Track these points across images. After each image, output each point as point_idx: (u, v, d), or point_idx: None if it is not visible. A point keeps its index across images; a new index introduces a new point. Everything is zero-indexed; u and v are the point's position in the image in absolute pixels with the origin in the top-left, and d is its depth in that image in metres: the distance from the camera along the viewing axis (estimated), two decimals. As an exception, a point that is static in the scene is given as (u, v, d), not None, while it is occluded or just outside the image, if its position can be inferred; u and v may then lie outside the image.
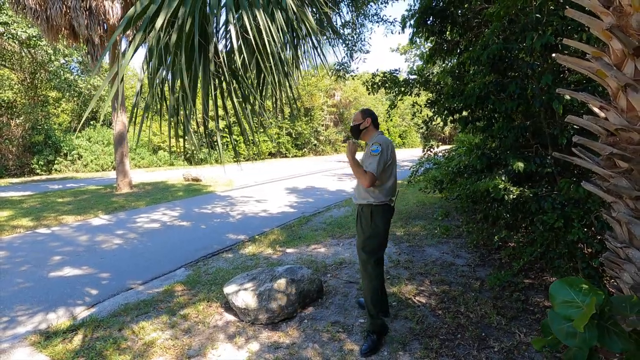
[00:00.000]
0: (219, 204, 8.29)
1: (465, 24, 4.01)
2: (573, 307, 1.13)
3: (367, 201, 2.56)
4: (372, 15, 6.84)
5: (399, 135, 39.41)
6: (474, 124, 3.48)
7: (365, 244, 2.58)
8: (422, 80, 4.84)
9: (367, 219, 2.55)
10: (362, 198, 2.60)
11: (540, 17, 2.79)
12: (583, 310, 1.08)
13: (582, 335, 1.06)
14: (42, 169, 16.83)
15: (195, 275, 3.87)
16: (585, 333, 1.05)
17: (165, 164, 21.32)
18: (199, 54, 1.90)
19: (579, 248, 2.67)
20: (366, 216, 2.56)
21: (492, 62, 2.94)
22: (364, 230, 2.58)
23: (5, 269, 4.20)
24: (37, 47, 15.48)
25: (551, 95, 2.58)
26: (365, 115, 2.66)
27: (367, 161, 2.48)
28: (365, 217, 2.56)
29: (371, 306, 2.55)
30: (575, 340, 1.08)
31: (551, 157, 2.91)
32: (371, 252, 2.57)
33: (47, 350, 2.52)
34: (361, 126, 2.66)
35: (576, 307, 1.13)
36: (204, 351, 2.49)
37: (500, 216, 3.43)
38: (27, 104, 17.34)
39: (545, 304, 2.97)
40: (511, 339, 2.51)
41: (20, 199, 9.19)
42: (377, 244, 2.58)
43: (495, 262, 3.92)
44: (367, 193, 2.56)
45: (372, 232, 2.55)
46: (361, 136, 2.69)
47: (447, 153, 5.90)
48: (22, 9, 8.68)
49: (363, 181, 2.46)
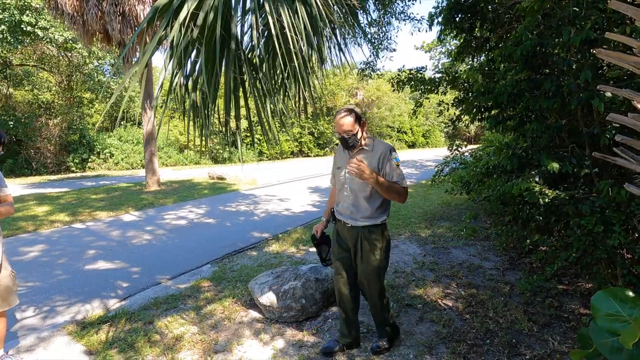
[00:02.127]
0: (243, 202, 8.43)
1: (495, 20, 3.87)
2: (618, 320, 1.07)
3: (380, 220, 2.18)
4: (398, 13, 6.75)
5: (423, 135, 38.69)
6: (505, 123, 3.36)
7: (381, 270, 2.23)
8: (450, 78, 4.72)
9: (377, 240, 2.18)
10: (371, 217, 2.17)
11: (577, 10, 2.65)
12: (631, 325, 1.01)
13: (630, 352, 1.00)
14: (77, 167, 17.68)
15: (221, 272, 3.96)
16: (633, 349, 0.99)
17: (191, 162, 21.91)
18: (221, 48, 1.91)
19: (619, 254, 2.53)
20: (377, 238, 2.18)
21: (525, 59, 2.83)
22: (375, 256, 2.18)
23: (45, 261, 4.44)
24: (72, 50, 16.26)
25: (591, 92, 2.45)
26: (358, 117, 2.14)
27: (398, 173, 2.12)
28: (376, 239, 2.18)
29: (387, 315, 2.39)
30: (622, 356, 1.02)
31: (589, 157, 2.76)
32: (384, 268, 2.29)
33: (83, 340, 2.65)
34: (358, 135, 2.13)
35: (622, 320, 1.07)
36: (230, 347, 2.53)
37: (531, 218, 3.30)
38: (64, 105, 18.28)
39: (580, 311, 2.84)
40: (544, 347, 2.41)
41: (57, 195, 9.69)
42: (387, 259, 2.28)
43: (525, 266, 3.78)
44: (378, 210, 2.18)
45: (386, 254, 2.24)
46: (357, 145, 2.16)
47: (474, 152, 5.73)
48: (60, 14, 9.14)
49: (403, 199, 2.14)
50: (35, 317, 3.06)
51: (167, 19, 1.90)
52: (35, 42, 14.94)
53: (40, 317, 3.06)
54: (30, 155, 16.46)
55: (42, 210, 7.55)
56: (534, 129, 2.81)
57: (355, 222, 2.20)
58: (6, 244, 5.17)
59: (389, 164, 2.12)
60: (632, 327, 1.01)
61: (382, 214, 2.19)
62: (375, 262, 2.19)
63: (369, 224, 2.17)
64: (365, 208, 2.17)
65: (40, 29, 13.89)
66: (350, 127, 2.08)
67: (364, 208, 2.17)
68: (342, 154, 2.30)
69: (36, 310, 3.18)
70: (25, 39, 14.01)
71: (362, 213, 2.18)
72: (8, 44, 13.31)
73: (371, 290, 2.28)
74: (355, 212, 2.20)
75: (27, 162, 16.39)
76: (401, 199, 2.14)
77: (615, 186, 2.31)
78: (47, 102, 18.25)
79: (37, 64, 17.32)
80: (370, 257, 2.19)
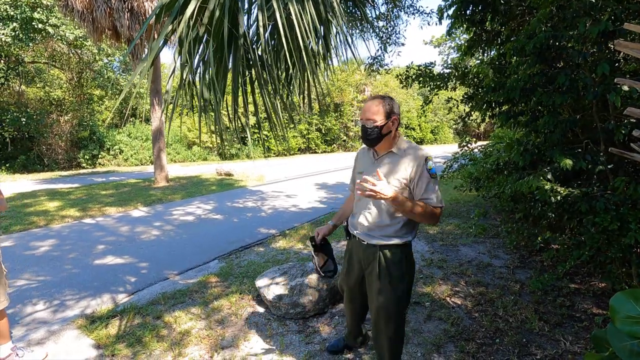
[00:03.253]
0: (250, 198, 8.45)
1: (507, 13, 3.78)
2: (638, 323, 1.02)
3: (403, 240, 1.75)
4: (407, 7, 6.64)
5: (431, 131, 38.36)
6: (516, 118, 3.29)
7: (398, 306, 1.77)
8: (459, 74, 4.64)
9: (397, 265, 1.75)
10: (393, 235, 1.75)
11: (594, 1, 2.57)
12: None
13: (650, 355, 0.96)
14: (88, 163, 17.92)
15: (228, 268, 3.96)
16: (655, 353, 0.94)
17: (199, 158, 22.06)
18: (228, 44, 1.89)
19: (634, 252, 2.46)
20: (397, 262, 1.75)
21: (538, 52, 2.75)
22: (393, 285, 1.75)
23: (56, 256, 4.50)
24: (83, 48, 16.43)
25: (607, 86, 2.37)
26: (392, 109, 1.71)
27: (432, 191, 1.68)
28: (396, 263, 1.75)
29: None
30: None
31: (604, 153, 2.69)
32: (406, 306, 1.83)
33: (92, 334, 2.67)
34: (384, 130, 1.70)
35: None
36: (237, 342, 2.53)
37: (543, 216, 3.23)
38: (74, 102, 18.51)
39: (593, 311, 2.77)
40: (555, 347, 2.36)
41: (68, 190, 9.83)
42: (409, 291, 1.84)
43: (536, 265, 3.71)
44: (404, 228, 1.75)
45: (408, 285, 1.79)
46: (380, 143, 1.75)
47: (484, 149, 5.64)
48: (70, 11, 9.21)
49: (434, 220, 1.70)
50: (45, 311, 3.11)
51: (173, 14, 1.88)
52: (46, 39, 15.12)
53: (50, 311, 3.10)
54: (42, 151, 16.73)
55: (53, 205, 7.67)
56: (546, 123, 2.74)
57: (371, 240, 1.80)
58: (18, 238, 5.26)
59: (422, 175, 1.68)
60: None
61: (407, 233, 1.77)
62: (391, 293, 1.75)
63: (389, 243, 1.75)
64: (387, 223, 1.75)
65: (51, 27, 14.04)
66: (375, 115, 1.68)
67: (385, 223, 1.76)
68: (366, 156, 1.89)
69: (47, 304, 3.22)
70: (36, 36, 14.18)
71: (383, 230, 1.77)
72: (20, 41, 13.49)
73: (380, 334, 1.83)
74: (373, 228, 1.79)
75: (39, 158, 16.66)
76: (432, 221, 1.70)
77: (632, 183, 2.24)
78: (58, 99, 18.51)
79: (49, 61, 17.55)
80: (386, 287, 1.76)
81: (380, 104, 1.69)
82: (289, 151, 26.25)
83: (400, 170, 1.70)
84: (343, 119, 29.92)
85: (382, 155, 1.78)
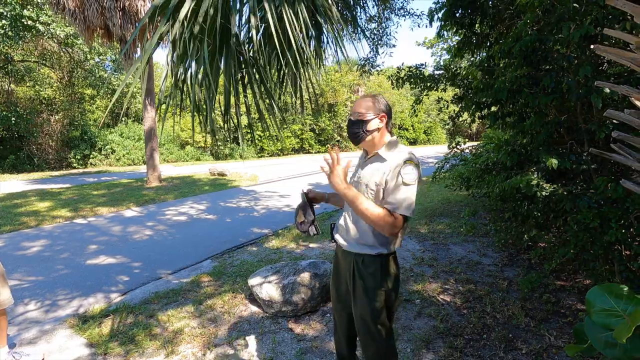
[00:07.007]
0: (243, 199, 8.45)
1: (496, 16, 3.86)
2: (612, 316, 1.08)
3: (375, 250, 1.62)
4: (398, 9, 6.72)
5: (424, 132, 38.61)
6: (504, 119, 3.36)
7: (378, 315, 1.64)
8: (449, 75, 4.72)
9: (373, 277, 1.62)
10: (367, 244, 1.63)
11: (577, 6, 2.65)
12: (625, 320, 1.03)
13: (624, 346, 1.02)
14: (79, 163, 17.75)
15: (221, 267, 3.98)
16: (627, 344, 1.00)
17: (192, 158, 21.95)
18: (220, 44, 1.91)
19: (616, 250, 2.54)
20: (372, 274, 1.62)
21: (524, 55, 2.82)
22: (369, 296, 1.62)
23: (47, 256, 4.48)
24: (74, 46, 16.26)
25: (589, 88, 2.45)
26: (380, 107, 1.64)
27: (396, 194, 1.52)
28: (371, 274, 1.62)
29: None
30: (616, 351, 1.04)
31: (587, 153, 2.77)
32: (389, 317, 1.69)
33: (84, 334, 2.68)
34: (369, 126, 1.61)
35: (616, 316, 1.08)
36: (230, 340, 2.56)
37: (530, 215, 3.31)
38: (65, 101, 18.30)
39: (577, 307, 2.85)
40: (540, 341, 2.43)
41: (59, 191, 9.73)
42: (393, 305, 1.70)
43: (524, 263, 3.80)
44: (377, 237, 1.61)
45: (386, 297, 1.64)
46: (365, 140, 1.65)
47: (474, 149, 5.73)
48: (62, 10, 9.13)
49: (385, 228, 1.51)
50: (37, 311, 3.10)
51: (167, 15, 1.91)
52: (36, 37, 14.94)
53: (42, 311, 3.10)
54: (32, 151, 16.53)
55: (43, 205, 7.60)
56: (533, 124, 2.81)
57: (347, 247, 1.70)
58: (9, 239, 5.21)
59: (393, 179, 1.54)
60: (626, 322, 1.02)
61: (383, 244, 1.62)
62: (367, 304, 1.63)
63: (362, 253, 1.64)
64: (363, 229, 1.63)
65: (41, 24, 13.88)
66: (363, 109, 1.62)
67: (362, 229, 1.63)
68: (361, 157, 1.82)
69: (38, 304, 3.22)
70: (26, 34, 14.00)
71: (358, 236, 1.65)
72: (9, 39, 13.31)
73: (365, 346, 1.71)
74: (348, 232, 1.69)
75: (29, 158, 16.46)
76: (382, 229, 1.52)
77: (612, 182, 2.32)
78: (48, 98, 18.29)
79: (39, 59, 17.34)
80: (361, 297, 1.64)
81: (370, 101, 1.65)
82: (283, 151, 26.24)
83: (379, 174, 1.60)
84: (337, 119, 29.99)
85: (370, 156, 1.70)
